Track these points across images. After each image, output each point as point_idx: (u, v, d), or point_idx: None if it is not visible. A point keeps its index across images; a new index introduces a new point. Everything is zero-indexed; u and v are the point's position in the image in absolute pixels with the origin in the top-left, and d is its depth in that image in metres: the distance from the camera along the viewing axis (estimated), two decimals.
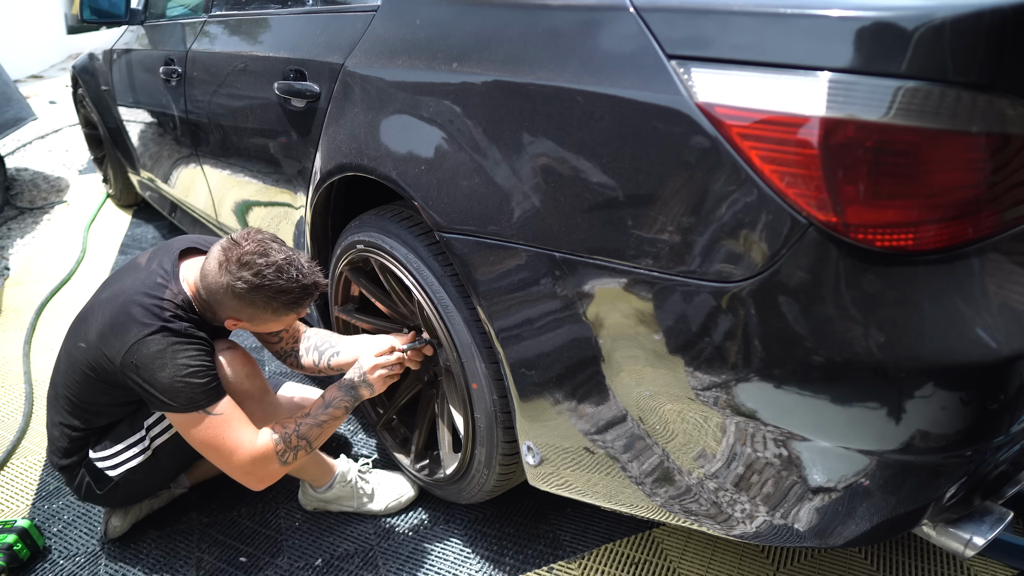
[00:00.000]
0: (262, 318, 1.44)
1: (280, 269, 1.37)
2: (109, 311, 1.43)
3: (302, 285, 1.40)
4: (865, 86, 0.78)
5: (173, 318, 1.40)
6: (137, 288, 1.43)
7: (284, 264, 1.37)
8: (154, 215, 3.98)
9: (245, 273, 1.35)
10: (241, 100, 1.95)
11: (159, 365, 1.35)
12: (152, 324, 1.37)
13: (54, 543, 1.73)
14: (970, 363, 0.85)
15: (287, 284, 1.38)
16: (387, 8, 1.43)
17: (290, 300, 1.40)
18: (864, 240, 0.82)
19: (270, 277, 1.36)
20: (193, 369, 1.37)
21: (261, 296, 1.37)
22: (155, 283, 1.44)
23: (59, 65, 10.47)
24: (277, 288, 1.37)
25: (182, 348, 1.38)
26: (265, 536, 1.70)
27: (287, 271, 1.38)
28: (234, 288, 1.36)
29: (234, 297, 1.38)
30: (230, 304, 1.40)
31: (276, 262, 1.37)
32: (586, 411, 1.17)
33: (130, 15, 2.86)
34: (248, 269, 1.35)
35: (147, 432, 1.54)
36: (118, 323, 1.40)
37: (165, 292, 1.43)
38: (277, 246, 1.40)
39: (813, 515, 0.99)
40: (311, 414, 1.50)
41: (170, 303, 1.42)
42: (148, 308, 1.39)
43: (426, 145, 1.26)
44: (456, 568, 1.58)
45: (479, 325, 1.31)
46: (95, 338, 1.43)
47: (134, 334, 1.37)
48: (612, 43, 0.97)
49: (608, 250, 1.01)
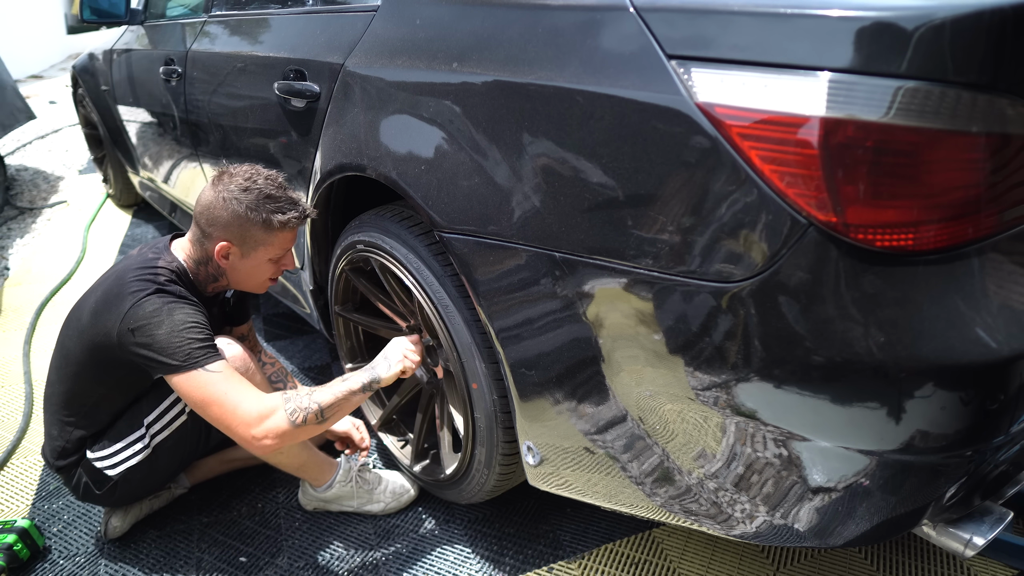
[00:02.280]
0: (252, 236, 1.47)
1: (269, 179, 1.47)
2: (102, 290, 1.47)
3: (288, 196, 1.48)
4: (865, 86, 0.78)
5: (168, 283, 1.44)
6: (129, 264, 1.48)
7: (272, 176, 1.48)
8: (154, 215, 3.98)
9: (236, 181, 1.45)
10: (241, 100, 1.95)
11: (156, 323, 1.36)
12: (146, 288, 1.40)
13: (54, 543, 1.73)
14: (970, 363, 0.85)
15: (276, 191, 1.46)
16: (387, 8, 1.43)
17: (277, 208, 1.45)
18: (864, 240, 0.82)
19: (260, 183, 1.45)
20: (189, 324, 1.38)
21: (251, 200, 1.43)
22: (147, 258, 1.49)
23: (59, 65, 10.47)
24: (266, 194, 1.45)
25: (178, 306, 1.39)
26: (265, 536, 1.70)
27: (274, 181, 1.48)
28: (224, 198, 1.43)
29: (225, 208, 1.43)
30: (221, 220, 1.45)
31: (264, 173, 1.48)
32: (586, 411, 1.17)
33: (130, 15, 2.86)
34: (238, 179, 1.45)
35: (147, 430, 1.54)
36: (111, 296, 1.43)
37: (158, 262, 1.47)
38: (265, 170, 1.50)
39: (813, 515, 0.99)
40: (326, 385, 1.46)
41: (164, 269, 1.46)
42: (141, 277, 1.43)
43: (426, 145, 1.26)
44: (456, 568, 1.58)
45: (479, 325, 1.31)
46: (89, 318, 1.45)
47: (129, 300, 1.39)
48: (612, 43, 0.97)
49: (608, 250, 1.01)
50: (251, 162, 1.56)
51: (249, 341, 1.85)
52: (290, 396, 1.39)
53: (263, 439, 1.35)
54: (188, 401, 1.40)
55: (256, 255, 1.51)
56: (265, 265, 1.53)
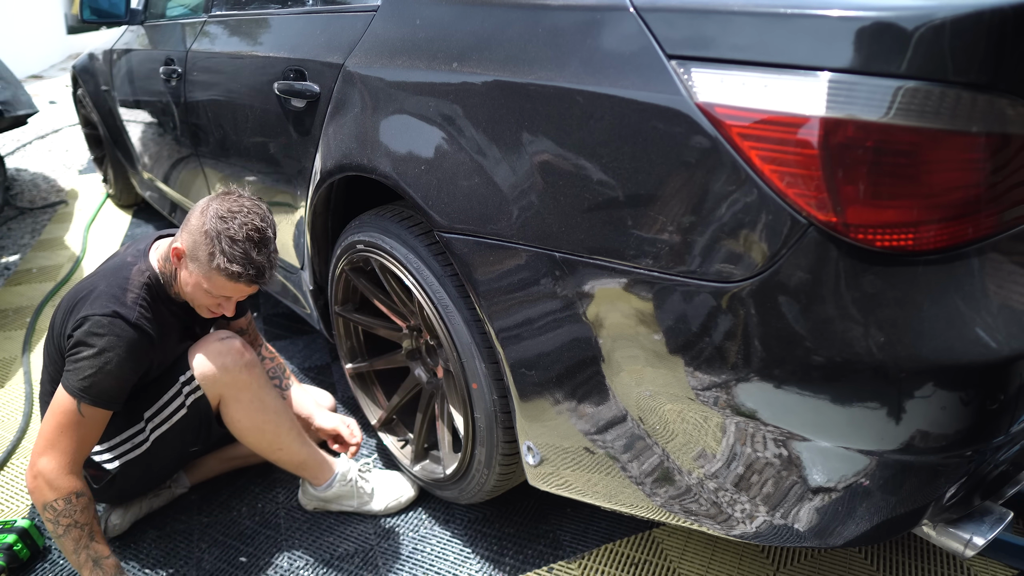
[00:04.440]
0: (197, 257, 1.40)
1: (253, 228, 1.38)
2: (76, 290, 1.47)
3: (250, 256, 1.37)
4: (865, 86, 0.78)
5: (133, 303, 1.42)
6: (107, 268, 1.48)
7: (258, 228, 1.39)
8: (154, 215, 3.98)
9: (228, 206, 1.39)
10: (241, 100, 1.95)
11: (89, 343, 1.37)
12: (108, 307, 1.40)
13: (54, 543, 1.73)
14: (970, 363, 0.85)
15: (243, 242, 1.36)
16: (387, 8, 1.43)
17: (230, 256, 1.36)
18: (864, 240, 0.82)
19: (238, 221, 1.37)
20: (110, 370, 1.37)
21: (217, 227, 1.36)
22: (125, 263, 1.48)
23: (59, 65, 10.47)
24: (232, 235, 1.36)
25: (120, 345, 1.38)
26: (265, 536, 1.70)
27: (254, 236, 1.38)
28: (205, 209, 1.40)
29: (199, 216, 1.40)
30: (190, 224, 1.41)
31: (254, 223, 1.38)
32: (586, 411, 1.17)
33: (130, 15, 2.86)
34: (231, 205, 1.39)
35: (146, 424, 1.54)
36: (80, 299, 1.43)
37: (132, 271, 1.46)
38: (267, 225, 1.42)
39: (813, 515, 0.99)
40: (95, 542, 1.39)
41: (135, 282, 1.45)
42: (110, 288, 1.43)
43: (426, 145, 1.26)
44: (456, 568, 1.58)
45: (479, 325, 1.31)
46: (60, 319, 1.47)
47: (87, 310, 1.39)
48: (612, 43, 0.97)
49: (608, 250, 1.01)
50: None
51: (249, 335, 1.85)
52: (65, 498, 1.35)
53: (29, 483, 1.37)
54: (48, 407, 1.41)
55: (194, 276, 1.43)
56: (202, 291, 1.44)
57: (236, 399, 1.54)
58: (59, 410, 1.37)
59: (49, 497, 1.36)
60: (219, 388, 1.53)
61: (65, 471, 1.37)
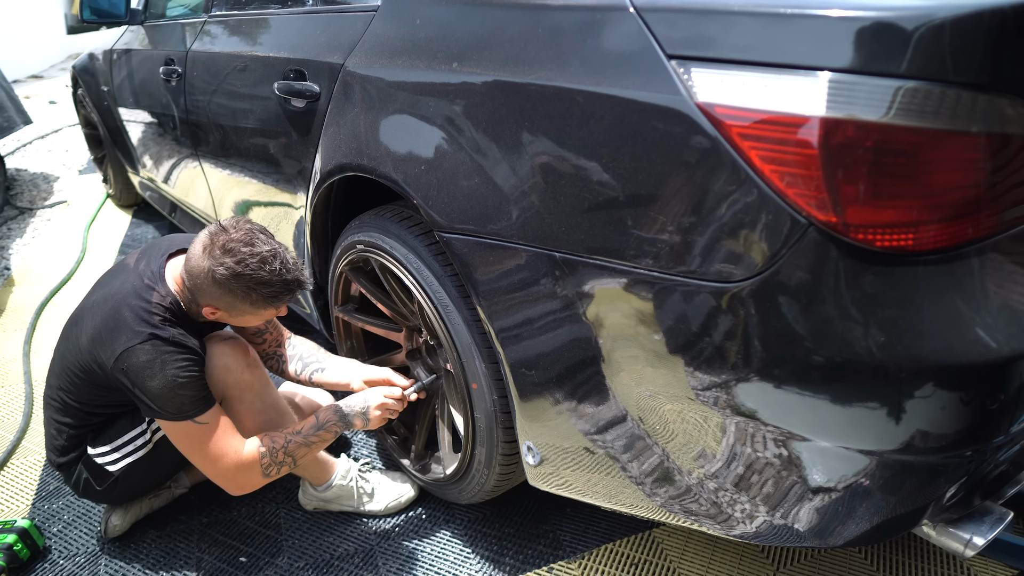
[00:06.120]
0: (240, 309, 1.42)
1: (264, 260, 1.35)
2: (99, 316, 1.43)
3: (284, 280, 1.38)
4: (865, 86, 0.78)
5: (163, 323, 1.40)
6: (126, 291, 1.43)
7: (268, 256, 1.35)
8: (154, 215, 3.98)
9: (228, 260, 1.33)
10: (241, 100, 1.95)
11: (148, 375, 1.35)
12: (141, 332, 1.37)
13: (54, 543, 1.73)
14: (970, 363, 0.85)
15: (269, 276, 1.35)
16: (387, 8, 1.43)
17: (270, 294, 1.38)
18: (864, 240, 0.82)
19: (252, 267, 1.34)
20: (182, 381, 1.37)
21: (241, 285, 1.35)
22: (143, 285, 1.44)
23: (59, 65, 10.46)
24: (258, 279, 1.35)
25: (171, 358, 1.37)
26: (265, 536, 1.70)
27: (270, 263, 1.35)
28: (215, 273, 1.34)
29: (214, 283, 1.36)
30: (209, 290, 1.38)
31: (260, 253, 1.35)
32: (586, 411, 1.17)
33: (130, 15, 2.86)
34: (231, 256, 1.34)
35: (148, 426, 1.54)
36: (108, 328, 1.40)
37: (153, 296, 1.42)
38: (264, 237, 1.39)
39: (813, 515, 0.99)
40: (302, 432, 1.49)
41: (159, 306, 1.41)
42: (137, 313, 1.39)
43: (426, 145, 1.26)
44: (456, 568, 1.58)
45: (479, 325, 1.31)
46: (86, 343, 1.43)
47: (123, 342, 1.36)
48: (612, 43, 0.97)
49: (608, 250, 1.01)
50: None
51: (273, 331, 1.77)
52: (266, 451, 1.45)
53: (236, 490, 1.50)
54: (172, 441, 1.46)
55: (244, 319, 1.48)
56: (251, 320, 1.50)
57: (239, 399, 1.54)
58: (186, 438, 1.43)
59: (259, 477, 1.46)
60: (222, 388, 1.53)
61: (239, 460, 1.43)
